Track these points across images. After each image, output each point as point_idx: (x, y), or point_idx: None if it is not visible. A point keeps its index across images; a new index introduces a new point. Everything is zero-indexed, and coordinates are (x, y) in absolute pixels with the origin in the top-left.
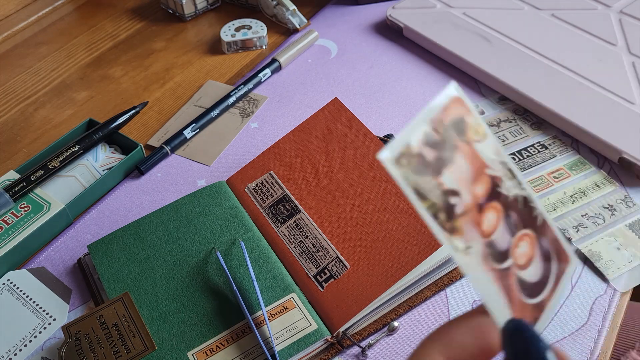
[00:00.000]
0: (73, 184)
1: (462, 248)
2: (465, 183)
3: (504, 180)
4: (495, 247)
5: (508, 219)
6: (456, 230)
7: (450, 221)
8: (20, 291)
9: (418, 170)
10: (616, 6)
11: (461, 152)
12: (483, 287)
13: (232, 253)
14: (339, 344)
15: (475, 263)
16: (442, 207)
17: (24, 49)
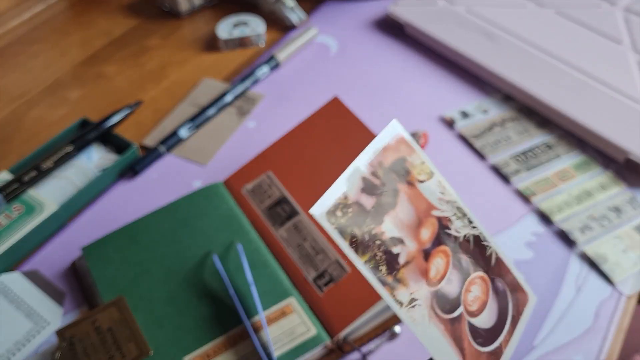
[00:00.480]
0: (67, 184)
1: (407, 301)
2: (410, 229)
3: (453, 220)
4: (445, 295)
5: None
6: (400, 282)
7: (392, 274)
8: (13, 294)
9: (355, 221)
10: (621, 4)
11: (404, 196)
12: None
13: (230, 256)
14: (339, 350)
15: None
16: (382, 259)
17: (17, 47)
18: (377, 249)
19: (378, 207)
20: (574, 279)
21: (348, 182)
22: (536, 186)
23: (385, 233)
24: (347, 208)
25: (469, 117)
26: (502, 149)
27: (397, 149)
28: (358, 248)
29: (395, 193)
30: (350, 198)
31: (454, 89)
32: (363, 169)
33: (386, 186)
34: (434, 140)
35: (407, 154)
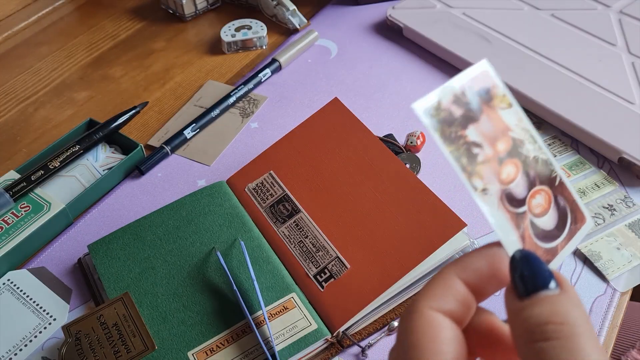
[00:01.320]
0: (73, 183)
1: (480, 188)
2: (488, 139)
3: (525, 143)
4: (512, 195)
5: (527, 175)
6: (476, 174)
7: (471, 165)
8: (20, 291)
9: (446, 121)
10: (616, 6)
11: (486, 115)
12: (497, 222)
13: (232, 253)
14: (339, 344)
15: (492, 202)
16: (464, 152)
17: (24, 49)
18: (461, 145)
19: (464, 117)
20: (569, 276)
21: (442, 93)
22: None
23: (468, 136)
24: (439, 111)
25: None
26: None
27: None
28: (445, 141)
29: (479, 110)
30: (443, 105)
31: None
32: (456, 87)
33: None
34: (431, 141)
35: (492, 86)
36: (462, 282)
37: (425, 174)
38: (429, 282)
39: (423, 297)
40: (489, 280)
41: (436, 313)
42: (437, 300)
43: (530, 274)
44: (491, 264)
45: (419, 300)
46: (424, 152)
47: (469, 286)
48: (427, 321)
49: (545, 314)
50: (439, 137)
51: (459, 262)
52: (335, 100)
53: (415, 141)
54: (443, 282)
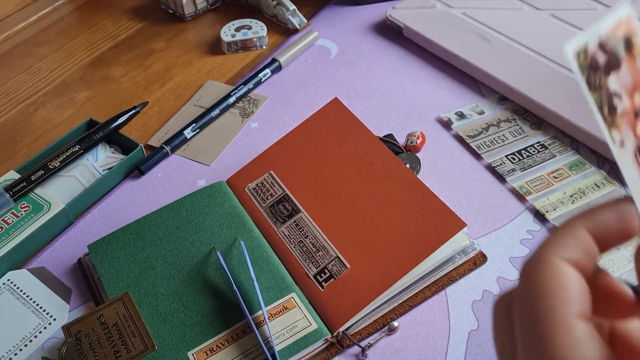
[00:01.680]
0: (73, 183)
1: (619, 141)
2: (627, 90)
3: None
4: None
5: None
6: (615, 125)
7: (612, 116)
8: (20, 291)
9: (591, 66)
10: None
11: (626, 64)
12: (631, 178)
13: (232, 253)
14: (339, 344)
15: (628, 156)
16: (606, 102)
17: (24, 49)
18: (603, 94)
19: (607, 64)
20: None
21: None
22: (531, 185)
23: (609, 86)
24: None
25: (465, 118)
26: (498, 149)
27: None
28: (590, 87)
29: (621, 59)
30: (590, 50)
31: (451, 91)
32: (602, 31)
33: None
34: (431, 141)
35: (632, 34)
36: (589, 233)
37: (425, 174)
38: (556, 230)
39: (551, 246)
40: (616, 234)
41: (564, 262)
42: (565, 249)
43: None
44: (621, 219)
45: (546, 247)
46: (424, 152)
47: (595, 238)
48: (556, 269)
49: None
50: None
51: (587, 214)
52: (335, 100)
53: (415, 141)
54: (571, 231)
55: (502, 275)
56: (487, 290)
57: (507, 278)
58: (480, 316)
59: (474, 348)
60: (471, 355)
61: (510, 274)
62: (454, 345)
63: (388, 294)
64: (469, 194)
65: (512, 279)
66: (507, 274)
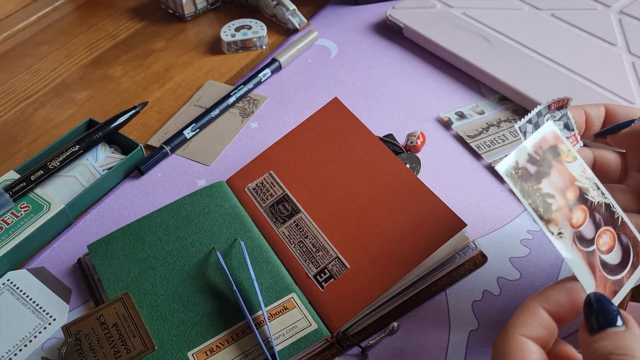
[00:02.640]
0: (73, 184)
1: (556, 233)
2: (559, 190)
3: (590, 190)
4: (583, 237)
5: (593, 218)
6: (551, 221)
7: (547, 214)
8: (20, 291)
9: (524, 178)
10: (616, 6)
11: (556, 169)
12: (573, 262)
13: (232, 253)
14: (339, 344)
15: (567, 245)
16: (541, 203)
17: (24, 48)
18: (537, 197)
19: (538, 173)
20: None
21: (518, 155)
22: None
23: (542, 189)
24: (518, 170)
25: (465, 118)
26: (498, 149)
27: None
28: (524, 195)
29: (550, 166)
30: (520, 164)
31: (451, 90)
32: (529, 148)
33: (544, 161)
34: (431, 141)
35: (558, 143)
36: (545, 311)
37: (425, 174)
38: (516, 311)
39: (513, 325)
40: (568, 310)
41: (525, 338)
42: (525, 328)
43: (600, 313)
44: (570, 297)
45: (509, 327)
46: (424, 152)
47: (551, 315)
48: (518, 345)
49: (611, 347)
50: (519, 192)
51: (542, 294)
52: (335, 100)
53: (415, 141)
54: (529, 311)
55: (502, 275)
56: (488, 291)
57: (507, 278)
58: (480, 316)
59: (474, 348)
60: (471, 355)
61: (510, 274)
62: (454, 345)
63: (388, 294)
64: (469, 194)
65: (512, 279)
66: (507, 274)
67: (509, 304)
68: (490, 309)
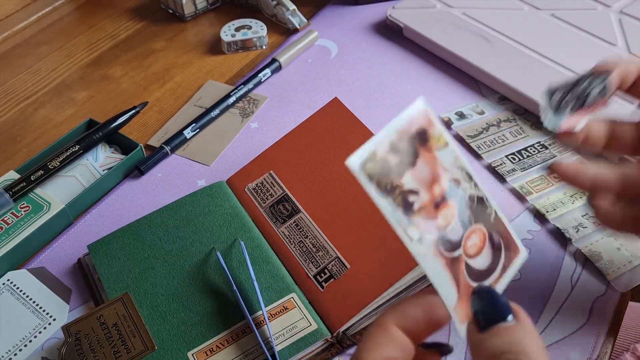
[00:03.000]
0: (73, 184)
1: (416, 238)
2: (425, 184)
3: (462, 182)
4: (448, 239)
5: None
6: (412, 224)
7: (407, 216)
8: (20, 291)
9: (381, 173)
10: (616, 6)
11: (422, 158)
12: (433, 272)
13: (232, 253)
14: (339, 344)
15: (427, 251)
16: (400, 201)
17: (24, 48)
18: (397, 195)
19: (400, 165)
20: (569, 276)
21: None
22: (531, 185)
23: (404, 185)
24: (375, 163)
25: (465, 118)
26: (498, 149)
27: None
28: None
29: (415, 155)
30: (378, 155)
31: (451, 91)
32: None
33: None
34: None
35: (428, 127)
36: (400, 330)
37: None
38: (368, 332)
39: (365, 349)
40: (425, 326)
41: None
42: (379, 351)
43: (489, 308)
44: (426, 311)
45: (361, 351)
46: None
47: (406, 332)
48: None
49: (504, 344)
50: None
51: (396, 311)
52: (335, 100)
53: None
54: (383, 331)
55: None
56: None
57: None
58: None
59: None
60: None
61: None
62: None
63: (388, 294)
64: None
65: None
66: None
67: None
68: None
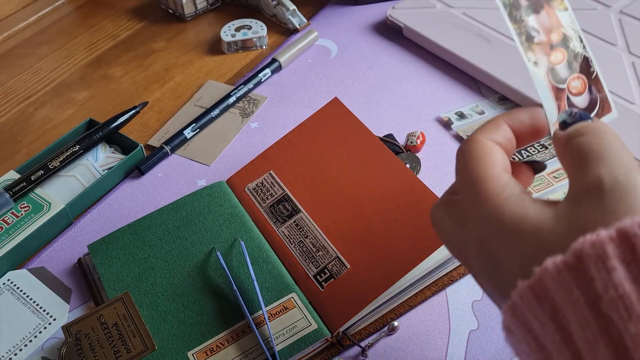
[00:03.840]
0: (73, 183)
1: (533, 61)
2: (545, 28)
3: (573, 40)
4: (557, 72)
5: (569, 63)
6: (531, 50)
7: (528, 43)
8: (20, 291)
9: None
10: (616, 6)
11: (546, 11)
12: (542, 89)
13: (232, 253)
14: (339, 344)
15: (540, 73)
16: (524, 32)
17: (24, 49)
18: (522, 26)
19: (528, 8)
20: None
21: None
22: (531, 185)
23: (529, 22)
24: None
25: (465, 118)
26: None
27: None
28: (511, 20)
29: (541, 5)
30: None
31: (451, 90)
32: None
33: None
34: (431, 141)
35: None
36: (509, 126)
37: (425, 174)
38: (483, 124)
39: (478, 131)
40: (528, 130)
41: (489, 140)
42: (489, 134)
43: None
44: (532, 118)
45: (475, 133)
46: (424, 152)
47: (513, 130)
48: (484, 144)
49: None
50: (507, 16)
51: (508, 113)
52: (335, 100)
53: (415, 141)
54: (495, 122)
55: None
56: None
57: None
58: (480, 316)
59: (474, 348)
60: (471, 355)
61: None
62: (454, 345)
63: (388, 294)
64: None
65: None
66: None
67: None
68: (490, 309)
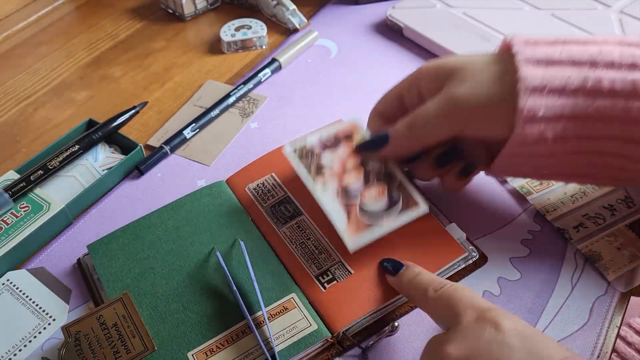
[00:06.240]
0: (73, 183)
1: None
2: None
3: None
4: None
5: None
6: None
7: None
8: (19, 291)
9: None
10: (616, 6)
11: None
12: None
13: (232, 253)
14: (339, 345)
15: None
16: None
17: (24, 48)
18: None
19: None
20: (569, 276)
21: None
22: (531, 185)
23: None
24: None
25: None
26: None
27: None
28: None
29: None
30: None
31: None
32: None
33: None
34: None
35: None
36: None
37: None
38: None
39: None
40: None
41: None
42: None
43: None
44: None
45: None
46: None
47: None
48: None
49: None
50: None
51: None
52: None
53: None
54: None
55: (502, 275)
56: (488, 291)
57: (507, 278)
58: None
59: None
60: None
61: (510, 274)
62: None
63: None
64: (469, 194)
65: (512, 279)
66: (507, 274)
67: (509, 304)
68: None
